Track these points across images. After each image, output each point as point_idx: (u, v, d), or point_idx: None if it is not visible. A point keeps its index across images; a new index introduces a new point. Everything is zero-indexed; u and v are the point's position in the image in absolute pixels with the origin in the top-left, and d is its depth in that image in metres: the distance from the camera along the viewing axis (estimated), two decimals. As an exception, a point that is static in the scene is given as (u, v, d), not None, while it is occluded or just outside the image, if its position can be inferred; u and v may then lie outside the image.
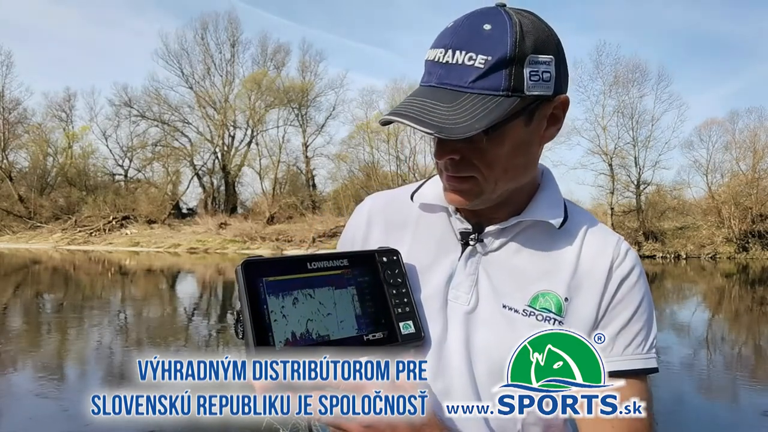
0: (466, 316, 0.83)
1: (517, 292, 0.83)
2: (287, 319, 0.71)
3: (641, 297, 0.84)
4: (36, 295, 13.48)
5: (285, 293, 0.72)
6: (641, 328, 0.83)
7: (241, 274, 0.71)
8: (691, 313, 12.25)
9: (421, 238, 0.90)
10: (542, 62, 0.76)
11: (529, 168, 0.83)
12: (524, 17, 0.77)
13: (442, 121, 0.72)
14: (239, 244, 29.01)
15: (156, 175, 38.82)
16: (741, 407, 5.76)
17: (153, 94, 37.51)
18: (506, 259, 0.85)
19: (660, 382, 6.48)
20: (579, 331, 0.81)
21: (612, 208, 30.77)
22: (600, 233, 0.88)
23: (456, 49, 0.75)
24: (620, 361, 0.82)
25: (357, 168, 36.87)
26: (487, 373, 0.80)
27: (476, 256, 0.85)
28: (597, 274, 0.83)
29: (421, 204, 0.92)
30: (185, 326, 9.91)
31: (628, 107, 32.03)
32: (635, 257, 0.86)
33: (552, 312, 0.81)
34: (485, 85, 0.73)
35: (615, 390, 0.80)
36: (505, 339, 0.80)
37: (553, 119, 0.82)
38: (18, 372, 6.49)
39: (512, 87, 0.74)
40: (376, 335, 0.76)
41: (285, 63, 39.59)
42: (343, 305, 0.76)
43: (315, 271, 0.76)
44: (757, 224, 28.84)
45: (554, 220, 0.85)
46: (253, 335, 0.68)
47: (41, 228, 33.34)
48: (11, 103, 37.21)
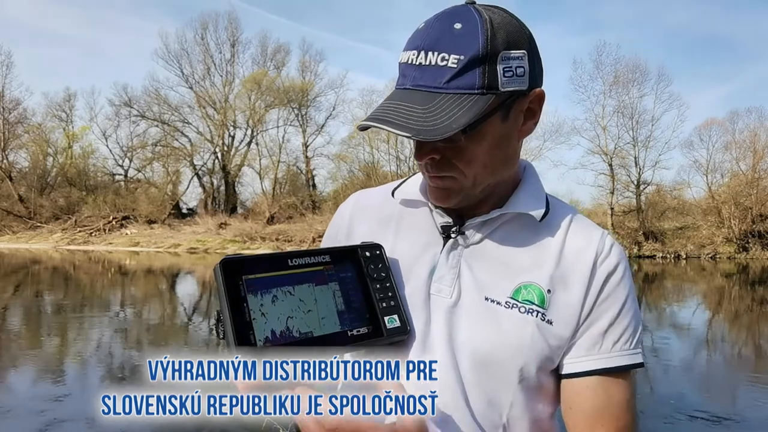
0: (449, 310, 0.82)
1: (499, 284, 0.82)
2: (266, 318, 0.70)
3: (627, 293, 0.84)
4: (36, 295, 13.47)
5: (264, 291, 0.71)
6: (628, 324, 0.83)
7: (220, 273, 0.70)
8: (691, 313, 12.25)
9: (404, 234, 0.90)
10: (515, 57, 0.76)
11: (509, 163, 0.84)
12: (494, 13, 0.77)
13: (419, 123, 0.72)
14: (239, 244, 29.00)
15: (156, 175, 38.90)
16: (741, 407, 5.76)
17: (153, 94, 37.61)
18: (488, 252, 0.85)
19: (660, 382, 6.48)
20: (562, 323, 0.81)
21: (612, 208, 30.76)
22: (584, 227, 0.88)
23: (428, 50, 0.75)
24: (609, 358, 0.81)
25: (357, 168, 36.90)
26: (471, 365, 0.80)
27: (458, 249, 0.85)
28: (581, 268, 0.83)
29: (402, 200, 0.93)
30: (185, 326, 9.91)
31: (628, 107, 32.09)
32: (620, 252, 0.86)
33: (535, 304, 0.81)
34: (460, 85, 0.74)
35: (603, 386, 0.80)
36: (488, 331, 0.80)
37: (530, 113, 0.82)
38: (18, 372, 6.48)
39: (487, 84, 0.74)
40: (360, 330, 0.76)
41: (285, 63, 39.69)
42: (324, 301, 0.75)
43: (296, 268, 0.76)
44: (757, 224, 28.85)
45: (535, 212, 0.85)
46: (233, 335, 0.67)
47: (41, 228, 33.33)
48: (11, 103, 37.30)
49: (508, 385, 0.80)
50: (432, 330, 0.82)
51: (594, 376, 0.81)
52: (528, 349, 0.79)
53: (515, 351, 0.79)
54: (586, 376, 0.81)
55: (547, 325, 0.80)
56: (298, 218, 33.11)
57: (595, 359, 0.81)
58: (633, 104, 32.11)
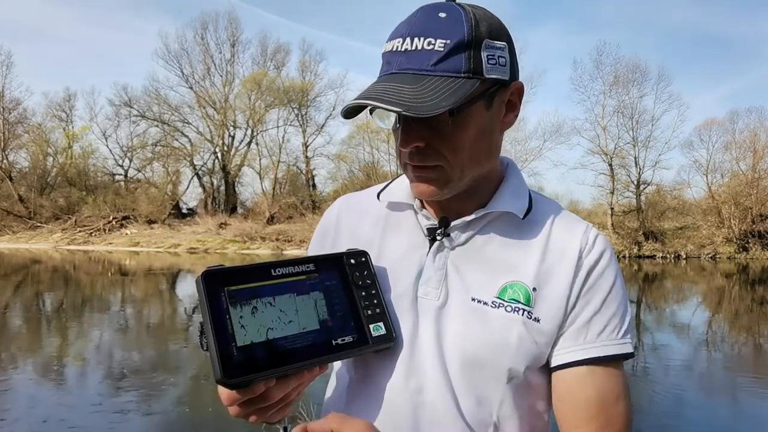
0: (436, 312, 0.82)
1: (485, 284, 0.82)
2: (246, 330, 0.69)
3: (612, 282, 0.83)
4: (36, 295, 13.47)
5: (244, 303, 0.70)
6: (614, 314, 0.83)
7: (202, 285, 0.69)
8: (691, 313, 12.24)
9: (390, 236, 0.90)
10: (498, 47, 0.78)
11: (493, 154, 0.84)
12: (476, 8, 0.79)
13: (409, 100, 0.72)
14: (239, 244, 29.00)
15: (156, 175, 38.84)
16: (741, 407, 5.76)
17: (153, 94, 37.52)
18: (474, 252, 0.85)
19: (660, 382, 6.48)
20: (549, 320, 0.81)
21: (612, 208, 30.75)
22: (567, 222, 0.88)
23: (414, 36, 0.76)
24: (594, 348, 0.81)
25: (357, 168, 36.86)
26: (460, 367, 0.80)
27: (444, 250, 0.85)
28: (566, 263, 0.83)
29: (388, 203, 0.93)
30: (185, 326, 9.91)
31: (628, 107, 32.05)
32: (604, 243, 0.86)
33: (521, 302, 0.81)
34: (446, 68, 0.74)
35: (591, 376, 0.80)
36: (476, 332, 0.80)
37: (511, 106, 0.83)
38: (18, 372, 6.48)
39: (472, 69, 0.75)
40: (345, 339, 0.75)
41: (285, 63, 39.61)
42: (306, 311, 0.74)
43: (279, 278, 0.75)
44: (757, 224, 28.83)
45: (518, 210, 0.85)
46: (215, 347, 0.66)
47: (41, 228, 33.31)
48: (11, 103, 37.22)
49: (497, 384, 0.80)
50: (420, 333, 0.82)
51: (581, 366, 0.80)
52: (515, 348, 0.79)
53: (503, 351, 0.79)
54: (574, 366, 0.81)
55: (534, 323, 0.80)
56: (298, 218, 33.09)
57: (581, 349, 0.81)
58: (633, 104, 32.09)
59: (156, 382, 6.14)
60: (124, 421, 4.91)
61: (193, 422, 5.00)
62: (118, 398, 5.54)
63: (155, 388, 5.91)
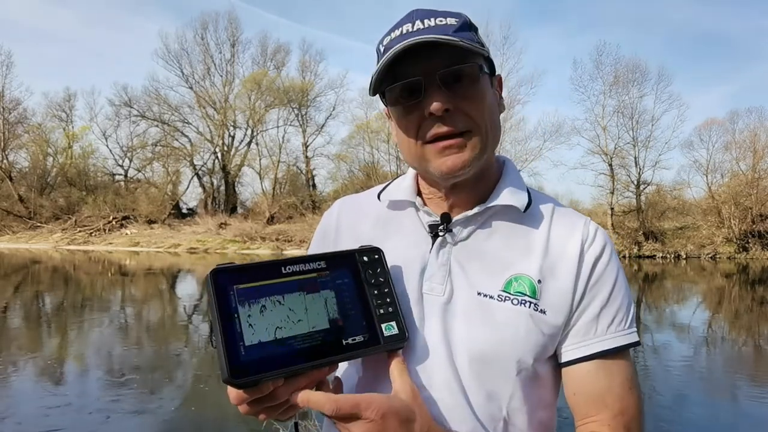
0: (442, 307, 0.82)
1: (490, 278, 0.83)
2: (254, 329, 0.68)
3: (616, 275, 0.85)
4: (36, 295, 13.47)
5: (253, 301, 0.70)
6: (620, 305, 0.84)
7: (210, 283, 0.68)
8: (691, 313, 12.24)
9: (392, 235, 0.90)
10: (483, 42, 0.86)
11: (498, 134, 0.87)
12: None
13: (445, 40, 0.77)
14: (239, 244, 28.99)
15: (156, 175, 38.85)
16: (741, 407, 5.75)
17: (153, 94, 37.56)
18: (476, 247, 0.86)
19: (661, 382, 6.47)
20: (555, 312, 0.81)
21: (612, 208, 30.73)
22: (567, 215, 0.89)
23: (425, 18, 0.80)
24: (605, 341, 0.82)
25: (357, 168, 36.85)
26: (468, 361, 0.80)
27: (447, 246, 0.86)
28: (569, 256, 0.84)
29: (389, 202, 0.93)
30: (185, 326, 9.91)
31: (628, 107, 32.01)
32: (605, 236, 0.87)
33: (527, 295, 0.81)
34: (464, 36, 0.79)
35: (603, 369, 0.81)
36: (483, 326, 0.80)
37: (498, 94, 0.90)
38: (17, 372, 6.48)
39: (480, 43, 0.83)
40: (356, 338, 0.74)
41: (285, 63, 39.65)
42: (316, 310, 0.73)
43: (290, 276, 0.74)
44: (757, 224, 28.81)
45: (519, 204, 0.86)
46: (223, 346, 0.66)
47: (41, 228, 33.31)
48: (11, 103, 37.26)
49: (506, 378, 0.80)
50: (427, 328, 0.82)
51: (594, 360, 0.82)
52: (523, 340, 0.80)
53: (511, 344, 0.79)
54: (586, 361, 0.82)
55: (541, 315, 0.81)
56: (298, 218, 33.08)
57: (592, 343, 0.82)
58: (633, 104, 32.05)
59: (156, 382, 6.14)
60: (124, 420, 4.91)
61: (193, 422, 5.00)
62: (118, 398, 5.54)
63: (155, 388, 5.91)
